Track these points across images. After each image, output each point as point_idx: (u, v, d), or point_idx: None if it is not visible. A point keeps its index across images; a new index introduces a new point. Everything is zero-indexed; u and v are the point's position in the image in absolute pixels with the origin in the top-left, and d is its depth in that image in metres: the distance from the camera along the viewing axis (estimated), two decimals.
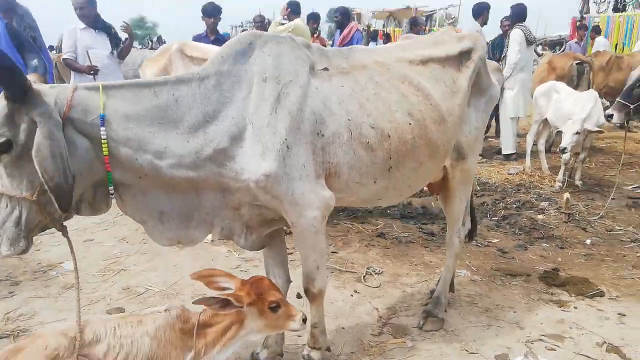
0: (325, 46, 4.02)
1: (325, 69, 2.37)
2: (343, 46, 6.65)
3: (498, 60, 8.27)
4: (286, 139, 2.14)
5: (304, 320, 2.09)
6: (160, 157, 2.04)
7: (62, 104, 1.88)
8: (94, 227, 4.81)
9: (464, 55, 2.77)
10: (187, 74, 2.17)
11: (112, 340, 1.87)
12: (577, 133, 5.81)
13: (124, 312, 3.15)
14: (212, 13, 6.61)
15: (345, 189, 2.43)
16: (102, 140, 1.94)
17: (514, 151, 8.20)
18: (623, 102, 5.01)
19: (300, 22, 6.91)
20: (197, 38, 6.59)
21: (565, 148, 5.88)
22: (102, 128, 1.94)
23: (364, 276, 3.84)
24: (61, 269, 3.84)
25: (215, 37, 6.64)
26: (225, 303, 1.92)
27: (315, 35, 7.78)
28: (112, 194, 2.07)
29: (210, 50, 4.88)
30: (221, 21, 6.95)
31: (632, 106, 4.92)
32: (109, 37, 5.85)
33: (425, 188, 3.29)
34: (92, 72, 5.53)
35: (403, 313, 3.30)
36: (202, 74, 2.14)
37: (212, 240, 4.06)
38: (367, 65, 2.50)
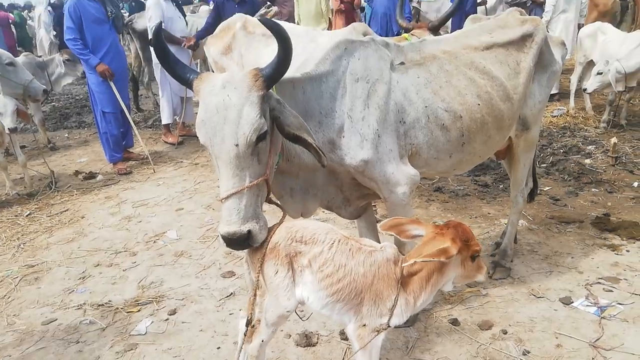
0: None
1: (402, 63, 2.75)
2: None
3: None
4: (377, 129, 2.57)
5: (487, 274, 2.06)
6: None
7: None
8: (180, 196, 5.38)
9: (526, 39, 3.07)
10: (308, 73, 2.52)
11: (327, 251, 2.00)
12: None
13: (234, 275, 3.71)
14: None
15: (425, 165, 2.85)
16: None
17: (557, 91, 8.31)
18: None
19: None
20: (221, 1, 6.76)
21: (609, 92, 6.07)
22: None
23: None
24: (166, 238, 4.41)
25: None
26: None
27: None
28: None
29: None
30: None
31: None
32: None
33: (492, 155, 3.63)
34: (192, 45, 6.24)
35: None
36: (316, 73, 2.52)
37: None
38: (437, 55, 2.86)
